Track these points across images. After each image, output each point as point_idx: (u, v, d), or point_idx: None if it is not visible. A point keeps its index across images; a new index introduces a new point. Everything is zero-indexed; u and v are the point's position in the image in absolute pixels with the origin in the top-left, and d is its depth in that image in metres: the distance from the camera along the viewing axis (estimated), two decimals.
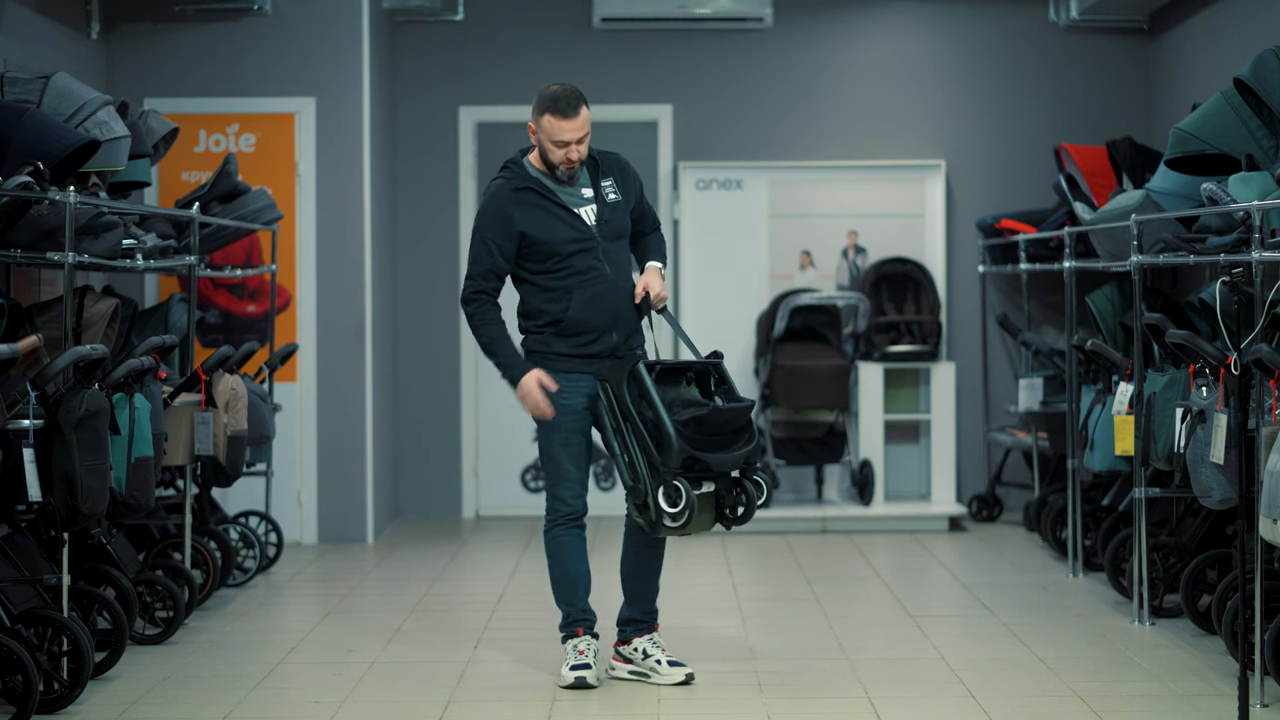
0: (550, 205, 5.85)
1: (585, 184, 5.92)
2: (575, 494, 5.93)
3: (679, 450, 5.61)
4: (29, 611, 5.53)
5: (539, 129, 5.83)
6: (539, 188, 5.86)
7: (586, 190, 5.91)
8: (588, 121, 5.82)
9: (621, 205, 5.94)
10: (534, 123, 5.84)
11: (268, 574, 8.24)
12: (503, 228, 5.82)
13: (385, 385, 9.81)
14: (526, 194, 5.85)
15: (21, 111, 6.20)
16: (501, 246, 5.82)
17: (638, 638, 6.00)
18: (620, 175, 5.98)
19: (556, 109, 5.78)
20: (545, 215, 5.83)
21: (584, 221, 5.86)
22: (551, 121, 5.78)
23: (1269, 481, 5.24)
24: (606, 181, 5.94)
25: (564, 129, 5.78)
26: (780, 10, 10.24)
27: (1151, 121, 10.02)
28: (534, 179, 5.87)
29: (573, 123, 5.78)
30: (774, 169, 10.17)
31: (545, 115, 5.79)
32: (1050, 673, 6.05)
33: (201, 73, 9.30)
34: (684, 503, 5.64)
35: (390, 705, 5.71)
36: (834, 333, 9.83)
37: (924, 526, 9.61)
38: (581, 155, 5.84)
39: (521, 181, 5.86)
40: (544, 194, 5.85)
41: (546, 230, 5.82)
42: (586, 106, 5.82)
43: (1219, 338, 6.48)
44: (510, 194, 5.84)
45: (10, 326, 6.29)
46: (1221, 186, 6.26)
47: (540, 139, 5.84)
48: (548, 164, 5.86)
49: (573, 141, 5.79)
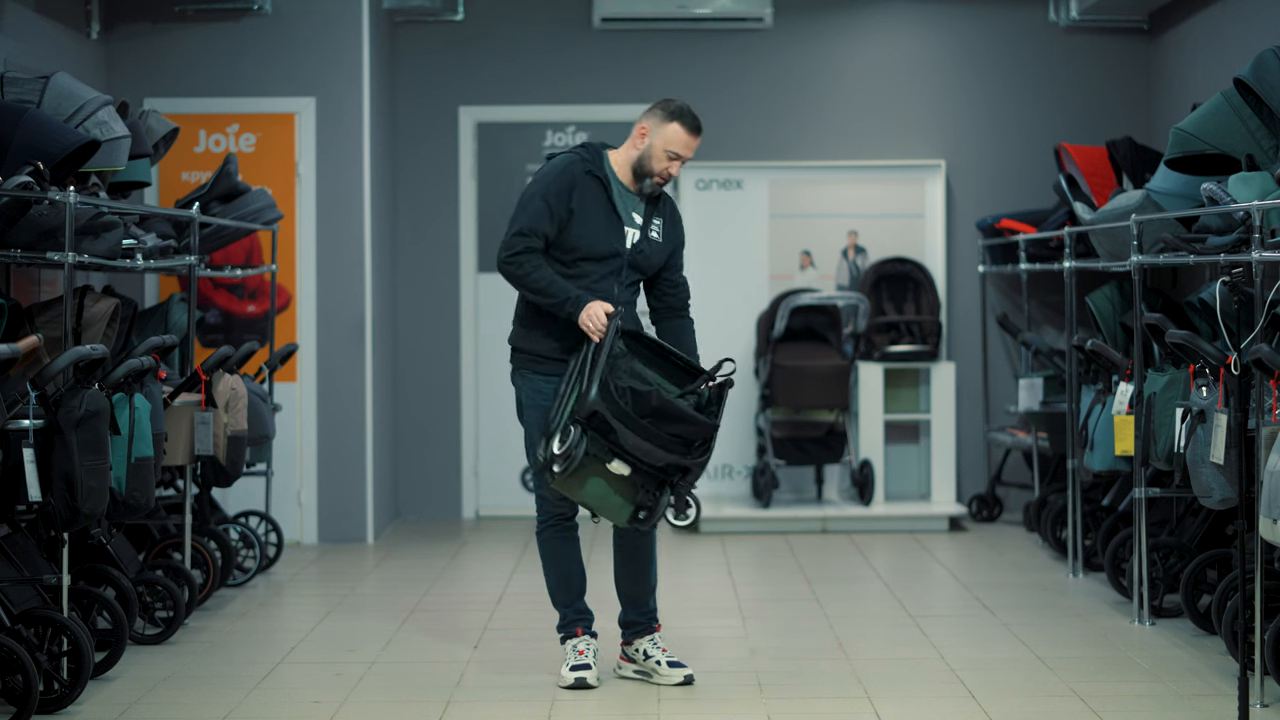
0: (606, 206, 5.82)
1: (639, 210, 5.90)
2: (564, 495, 5.92)
3: (592, 401, 5.50)
4: (29, 611, 5.54)
5: (658, 133, 5.81)
6: (605, 184, 5.83)
7: (637, 215, 5.89)
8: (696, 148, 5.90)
9: (659, 247, 5.90)
10: (651, 125, 5.82)
11: (268, 574, 8.24)
12: (562, 198, 5.77)
13: (385, 385, 9.81)
14: (593, 181, 5.81)
15: (21, 111, 6.20)
16: (556, 213, 5.76)
17: (638, 639, 6.00)
18: (670, 222, 5.97)
19: (686, 123, 5.81)
20: (597, 212, 5.80)
21: (624, 238, 5.84)
22: (678, 132, 5.80)
23: (1269, 481, 5.24)
24: (657, 220, 5.92)
25: (686, 143, 5.81)
26: (780, 10, 10.24)
27: (1151, 121, 10.02)
28: (605, 174, 5.84)
29: (694, 140, 5.83)
30: (774, 169, 10.18)
31: (675, 124, 5.80)
32: (1050, 673, 6.05)
33: (201, 73, 9.30)
34: (569, 445, 5.52)
35: (390, 705, 5.71)
36: (834, 333, 9.83)
37: (924, 526, 9.61)
38: (676, 174, 5.85)
39: (594, 169, 5.83)
40: (607, 192, 5.83)
41: (590, 226, 5.78)
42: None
43: (1219, 338, 6.48)
44: (581, 174, 5.81)
45: (10, 326, 6.29)
46: (1221, 186, 6.26)
47: (653, 143, 5.81)
48: (641, 170, 5.84)
49: (683, 158, 5.82)
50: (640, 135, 5.85)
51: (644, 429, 5.53)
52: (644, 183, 5.85)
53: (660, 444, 5.55)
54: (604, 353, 5.57)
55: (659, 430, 5.56)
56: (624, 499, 5.65)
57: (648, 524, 5.67)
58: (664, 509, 5.65)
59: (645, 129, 5.84)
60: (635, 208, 5.89)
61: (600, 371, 5.54)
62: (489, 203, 10.26)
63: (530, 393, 5.86)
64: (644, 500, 5.64)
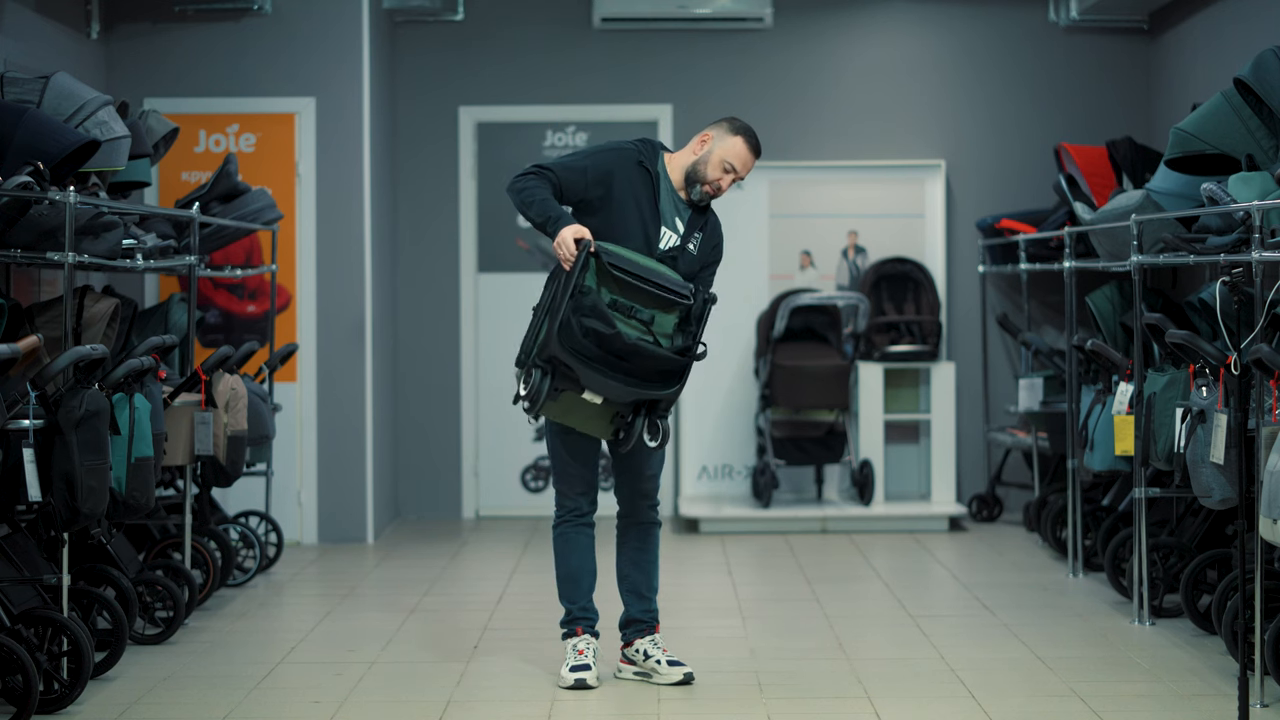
0: (649, 202, 5.80)
1: (683, 218, 5.88)
2: (581, 492, 5.92)
3: (551, 347, 5.54)
4: (29, 611, 5.54)
5: (720, 144, 5.82)
6: (655, 180, 5.82)
7: (680, 222, 5.87)
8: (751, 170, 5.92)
9: (692, 259, 5.87)
10: (715, 134, 5.84)
11: (268, 574, 8.24)
12: (601, 173, 5.76)
13: (385, 385, 9.81)
14: (641, 174, 5.80)
15: (21, 111, 6.20)
16: (588, 184, 5.75)
17: (639, 639, 6.00)
18: (709, 239, 5.94)
19: (750, 140, 5.85)
20: (638, 206, 5.78)
21: (659, 240, 5.82)
22: (740, 146, 5.83)
23: (1269, 481, 5.24)
24: (698, 234, 5.90)
25: (744, 160, 5.84)
26: (780, 10, 10.24)
27: (1151, 121, 10.02)
28: (657, 170, 5.84)
29: (752, 160, 5.87)
30: (774, 169, 10.17)
31: (738, 138, 5.83)
32: (1050, 673, 6.05)
33: (201, 73, 9.30)
34: (531, 388, 5.60)
35: (390, 705, 5.71)
36: (834, 333, 9.83)
37: (924, 526, 9.61)
38: (725, 190, 5.86)
39: (648, 162, 5.82)
40: (654, 188, 5.82)
41: (627, 218, 5.76)
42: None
43: (1219, 338, 6.48)
44: (631, 163, 5.80)
45: (10, 326, 6.29)
46: (1221, 186, 6.26)
47: (714, 152, 5.81)
48: (693, 176, 5.83)
49: (738, 174, 5.84)
50: (701, 142, 5.85)
51: (605, 369, 5.57)
52: (694, 189, 5.83)
53: (625, 381, 5.60)
54: (567, 291, 5.56)
55: (626, 366, 5.59)
56: (605, 420, 5.75)
57: (624, 446, 5.76)
58: (639, 432, 5.73)
59: (708, 137, 5.85)
60: (680, 213, 5.87)
61: (562, 312, 5.55)
62: (489, 203, 10.26)
63: None
64: (620, 424, 5.74)
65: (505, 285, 10.15)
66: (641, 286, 5.65)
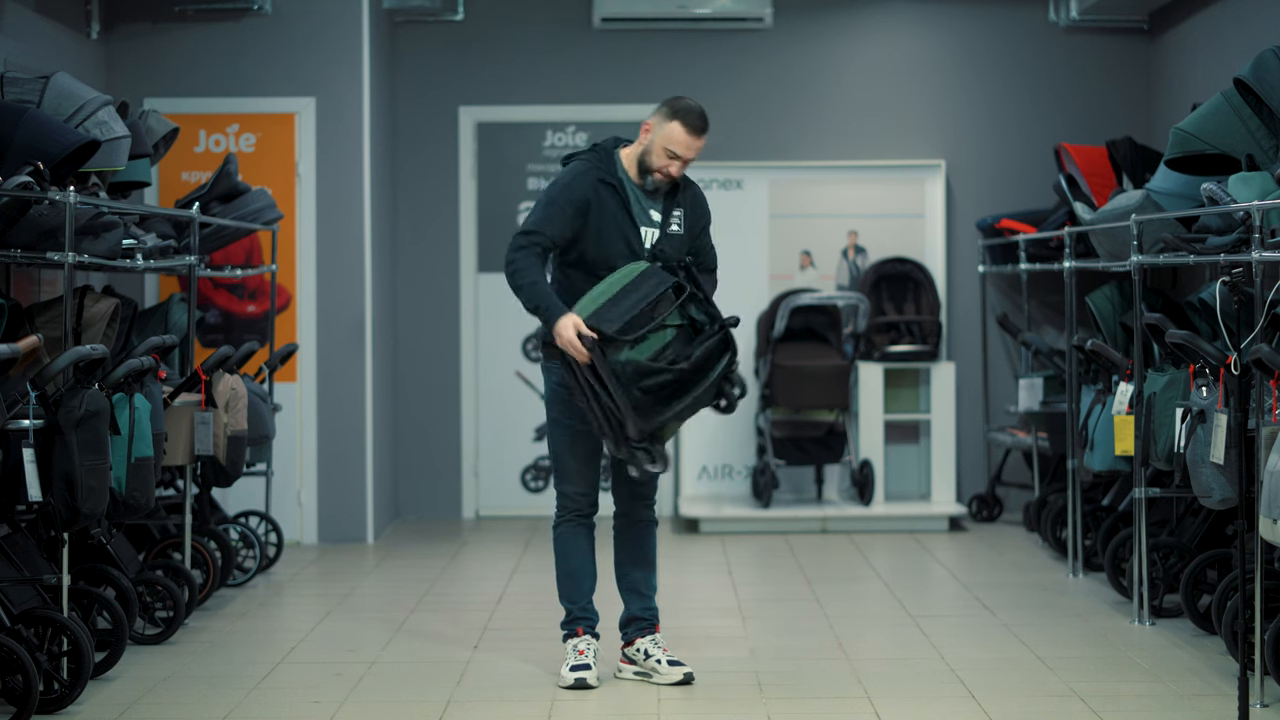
0: (622, 213, 5.81)
1: (657, 207, 5.88)
2: (583, 491, 5.93)
3: (639, 431, 5.57)
4: (29, 611, 5.54)
5: (659, 131, 5.79)
6: (620, 190, 5.82)
7: (655, 213, 5.87)
8: (701, 149, 5.85)
9: (681, 238, 5.89)
10: (655, 122, 5.81)
11: (268, 574, 8.24)
12: (577, 206, 5.76)
13: (385, 385, 9.81)
14: (607, 189, 5.80)
15: (21, 111, 6.20)
16: (570, 219, 5.75)
17: (640, 638, 6.00)
18: (691, 209, 5.95)
19: (688, 122, 5.78)
20: (614, 219, 5.79)
21: (642, 242, 5.83)
22: (678, 131, 5.78)
23: (1269, 481, 5.24)
24: (677, 211, 5.90)
25: (686, 143, 5.78)
26: (780, 10, 10.24)
27: (1151, 121, 10.02)
28: (619, 178, 5.83)
29: (695, 141, 5.80)
30: (774, 169, 10.17)
31: (675, 122, 5.78)
32: (1050, 673, 6.05)
33: (201, 73, 9.30)
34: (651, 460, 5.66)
35: (390, 705, 5.71)
36: (834, 333, 9.83)
37: (924, 526, 9.61)
38: (678, 174, 5.83)
39: (607, 175, 5.82)
40: (623, 198, 5.82)
41: (608, 234, 5.78)
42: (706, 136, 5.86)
43: (1219, 338, 6.48)
44: (595, 183, 5.80)
45: (10, 326, 6.29)
46: (1221, 186, 6.26)
47: (655, 139, 5.80)
48: (643, 166, 5.83)
49: (684, 158, 5.80)
50: (645, 131, 5.85)
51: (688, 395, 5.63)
52: (646, 179, 5.84)
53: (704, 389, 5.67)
54: (615, 383, 5.55)
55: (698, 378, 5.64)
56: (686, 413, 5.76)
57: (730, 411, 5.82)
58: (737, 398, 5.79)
59: (649, 125, 5.83)
60: (654, 205, 5.88)
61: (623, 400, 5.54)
62: (489, 203, 10.26)
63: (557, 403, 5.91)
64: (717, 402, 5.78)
65: (505, 285, 10.08)
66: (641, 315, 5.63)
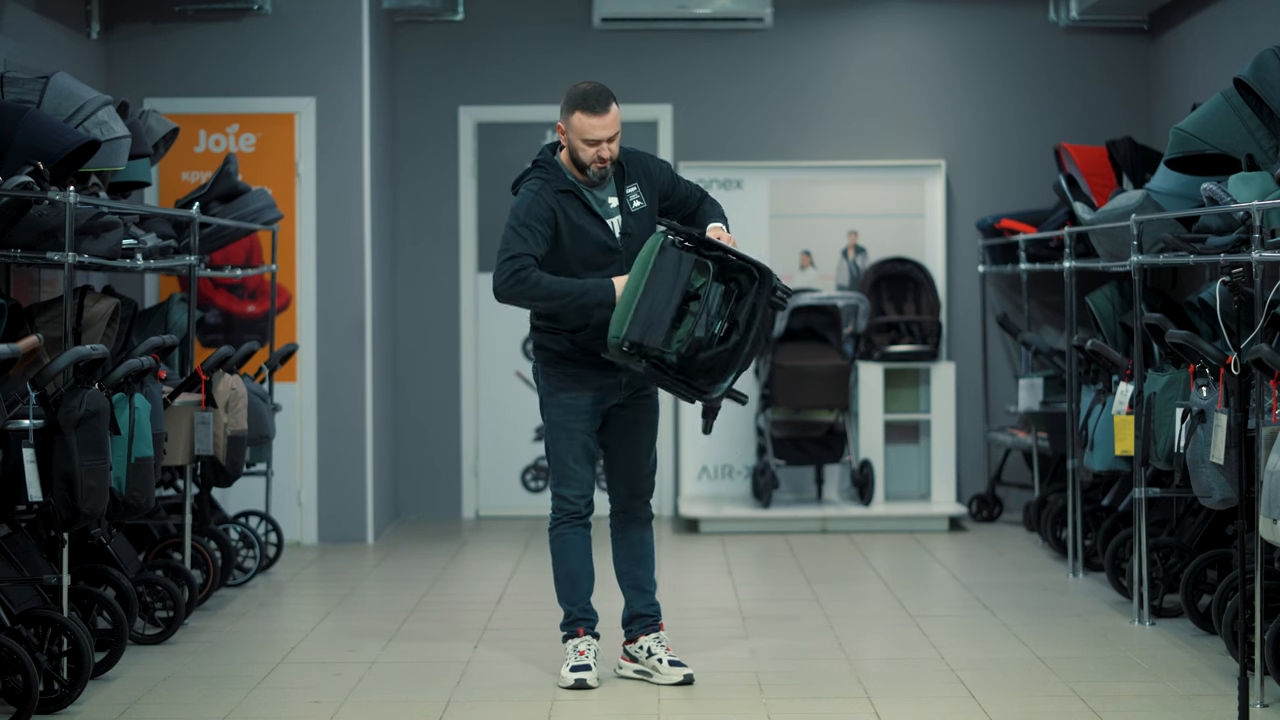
0: (586, 214, 5.79)
1: (611, 193, 5.86)
2: (579, 493, 5.93)
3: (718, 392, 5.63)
4: (29, 611, 5.54)
5: (569, 128, 5.76)
6: (577, 193, 5.79)
7: (612, 199, 5.85)
8: (618, 119, 5.75)
9: (646, 212, 5.87)
10: (564, 122, 5.77)
11: (268, 574, 8.24)
12: (545, 221, 5.71)
13: (385, 385, 9.81)
14: (566, 197, 5.77)
15: (21, 111, 6.20)
16: (544, 234, 5.70)
17: (643, 635, 6.00)
18: (645, 179, 5.91)
19: (586, 106, 5.72)
20: (581, 222, 5.78)
21: (611, 232, 5.82)
22: (582, 119, 5.72)
23: (1269, 481, 5.24)
24: (631, 188, 5.87)
25: (594, 126, 5.72)
26: (780, 10, 10.23)
27: (1151, 121, 10.02)
28: (571, 183, 5.80)
29: (603, 119, 5.72)
30: (774, 169, 10.17)
31: (576, 113, 5.73)
32: (1050, 673, 6.05)
33: (201, 73, 9.30)
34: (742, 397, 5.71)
35: (390, 705, 5.71)
36: (834, 333, 9.83)
37: (924, 526, 9.61)
38: (613, 154, 5.77)
39: (561, 184, 5.78)
40: (582, 200, 5.80)
41: (579, 237, 5.76)
42: (616, 104, 5.76)
43: (1219, 338, 6.48)
44: (553, 194, 5.76)
45: (10, 326, 6.29)
46: (1221, 186, 6.26)
47: (571, 138, 5.76)
48: (578, 164, 5.80)
49: (604, 139, 5.73)
50: (561, 133, 5.83)
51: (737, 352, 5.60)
52: (589, 172, 5.81)
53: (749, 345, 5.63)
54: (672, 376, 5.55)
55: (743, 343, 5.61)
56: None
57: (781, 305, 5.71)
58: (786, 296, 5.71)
59: (560, 127, 5.81)
60: (608, 194, 5.86)
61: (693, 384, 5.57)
62: (489, 203, 10.26)
63: (552, 406, 5.90)
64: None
65: None
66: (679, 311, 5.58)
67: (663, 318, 5.51)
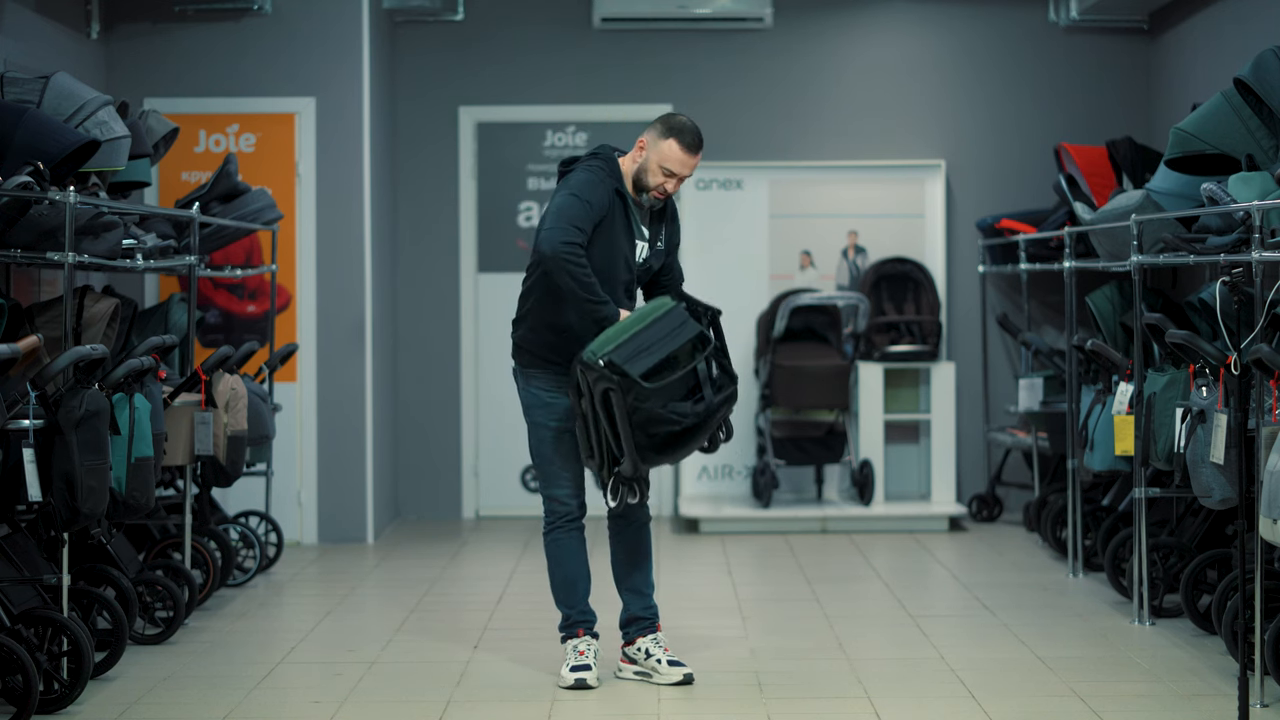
0: (624, 225, 5.80)
1: (646, 222, 5.89)
2: (571, 494, 5.93)
3: (633, 471, 5.58)
4: (29, 611, 5.54)
5: (654, 149, 5.76)
6: (625, 201, 5.80)
7: (646, 228, 5.88)
8: (697, 166, 5.83)
9: (660, 255, 5.93)
10: (649, 139, 5.78)
11: (268, 574, 8.24)
12: (600, 205, 5.70)
13: (385, 385, 9.81)
14: (617, 199, 5.78)
15: (21, 111, 6.20)
16: (594, 217, 5.69)
17: (641, 637, 6.00)
18: (671, 226, 5.97)
19: (684, 140, 5.75)
20: (617, 229, 5.78)
21: (636, 256, 5.84)
22: (674, 149, 5.74)
23: (1269, 481, 5.24)
24: (661, 227, 5.92)
25: (681, 161, 5.75)
26: (780, 10, 10.24)
27: (1151, 121, 10.02)
28: (625, 190, 5.81)
29: (691, 159, 5.77)
30: (774, 169, 10.17)
31: (671, 140, 5.74)
32: (1050, 673, 6.05)
33: (201, 73, 9.30)
34: (638, 497, 5.74)
35: (390, 705, 5.71)
36: (834, 333, 9.83)
37: (924, 526, 9.61)
38: (674, 192, 5.81)
39: (619, 185, 5.79)
40: (626, 211, 5.81)
41: (608, 242, 5.76)
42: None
43: (1219, 338, 6.48)
44: (611, 190, 5.76)
45: (10, 326, 6.29)
46: (1221, 186, 6.26)
47: (650, 157, 5.77)
48: (639, 183, 5.80)
49: (680, 176, 5.76)
50: (639, 148, 5.83)
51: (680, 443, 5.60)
52: (642, 196, 5.83)
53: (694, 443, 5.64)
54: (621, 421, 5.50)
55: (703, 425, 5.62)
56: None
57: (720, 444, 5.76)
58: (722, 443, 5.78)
59: (644, 143, 5.81)
60: (645, 217, 5.89)
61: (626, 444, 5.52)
62: (489, 203, 10.26)
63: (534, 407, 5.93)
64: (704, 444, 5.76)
65: (505, 285, 10.13)
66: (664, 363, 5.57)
67: (650, 356, 5.52)
